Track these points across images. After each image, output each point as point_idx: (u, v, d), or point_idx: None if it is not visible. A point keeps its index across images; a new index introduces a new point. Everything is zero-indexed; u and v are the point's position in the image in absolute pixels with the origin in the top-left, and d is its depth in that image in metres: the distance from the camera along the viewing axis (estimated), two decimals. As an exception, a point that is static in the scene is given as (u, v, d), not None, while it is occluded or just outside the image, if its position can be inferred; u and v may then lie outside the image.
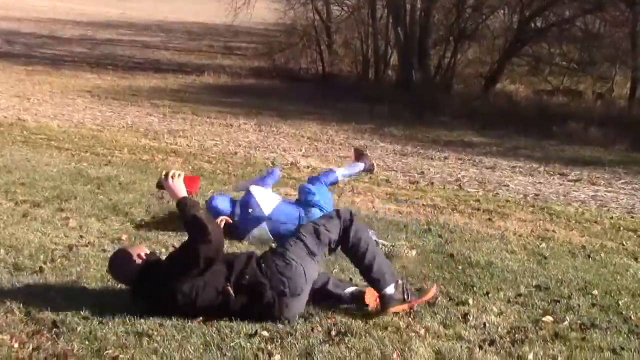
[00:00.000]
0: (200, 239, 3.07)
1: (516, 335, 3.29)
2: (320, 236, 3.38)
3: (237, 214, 4.61)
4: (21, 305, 3.32)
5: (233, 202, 4.76)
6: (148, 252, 3.37)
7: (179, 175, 3.23)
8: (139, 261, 3.27)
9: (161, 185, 3.25)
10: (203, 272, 3.13)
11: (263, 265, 3.26)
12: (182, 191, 3.19)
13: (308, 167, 7.30)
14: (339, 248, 3.52)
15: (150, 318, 3.21)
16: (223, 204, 4.69)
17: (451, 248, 4.67)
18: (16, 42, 19.54)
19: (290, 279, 3.23)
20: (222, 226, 3.63)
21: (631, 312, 3.68)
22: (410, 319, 3.41)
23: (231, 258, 3.31)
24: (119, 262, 3.32)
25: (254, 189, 4.80)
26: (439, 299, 3.71)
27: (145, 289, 3.23)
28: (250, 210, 4.60)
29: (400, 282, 3.42)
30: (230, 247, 4.35)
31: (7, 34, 20.76)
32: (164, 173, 3.25)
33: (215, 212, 4.75)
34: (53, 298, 3.43)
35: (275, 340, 3.07)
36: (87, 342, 2.99)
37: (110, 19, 28.64)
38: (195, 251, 3.08)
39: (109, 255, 4.07)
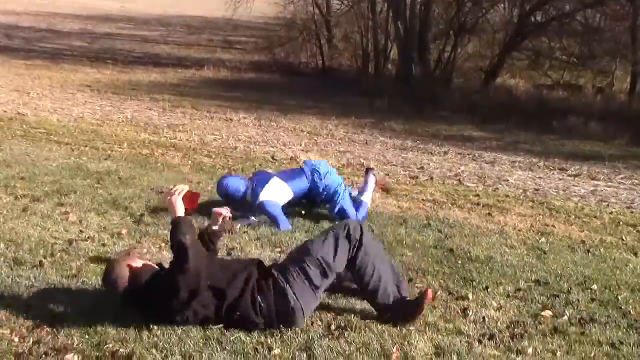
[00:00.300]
0: (178, 267, 2.97)
1: (516, 330, 3.31)
2: (327, 271, 3.21)
3: (250, 185, 4.89)
4: (21, 299, 3.33)
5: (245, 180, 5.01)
6: (140, 264, 3.24)
7: (182, 191, 3.20)
8: (126, 277, 3.15)
9: None
10: (188, 304, 3.02)
11: (259, 299, 3.10)
12: (179, 210, 3.14)
13: (308, 161, 7.29)
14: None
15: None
16: (236, 183, 4.90)
17: (451, 243, 4.67)
18: (15, 36, 19.50)
19: (286, 317, 3.12)
20: (221, 222, 3.51)
21: (630, 307, 3.69)
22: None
23: (223, 285, 3.10)
24: (109, 278, 3.23)
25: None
26: (439, 293, 3.72)
27: (137, 306, 3.17)
28: (262, 175, 5.08)
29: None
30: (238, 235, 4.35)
31: (7, 28, 20.72)
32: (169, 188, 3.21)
33: (226, 193, 4.86)
34: (53, 292, 3.44)
35: (275, 334, 3.08)
36: (87, 337, 3.00)
37: (109, 12, 28.59)
38: (175, 282, 2.97)
39: (109, 250, 4.10)
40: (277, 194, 4.86)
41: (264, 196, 4.79)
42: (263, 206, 4.77)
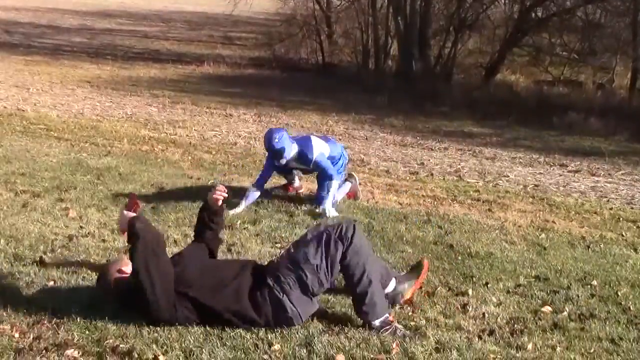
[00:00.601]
0: (131, 248, 2.99)
1: (515, 326, 3.31)
2: (323, 279, 3.14)
3: (295, 145, 5.16)
4: (21, 295, 3.34)
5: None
6: (130, 268, 3.15)
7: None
8: (113, 282, 3.17)
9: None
10: (167, 301, 3.00)
11: (254, 315, 3.08)
12: (129, 214, 3.08)
13: (308, 157, 7.29)
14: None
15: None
16: (284, 144, 5.03)
17: (451, 239, 4.68)
18: (15, 31, 19.48)
19: (285, 323, 3.10)
20: (220, 201, 3.46)
21: (630, 303, 3.69)
22: (410, 309, 3.43)
23: (206, 295, 3.06)
24: (101, 282, 3.25)
25: None
26: (439, 289, 3.72)
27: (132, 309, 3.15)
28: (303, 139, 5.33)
29: (389, 318, 3.18)
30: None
31: (6, 24, 20.70)
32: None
33: (272, 146, 4.99)
34: (53, 288, 3.44)
35: (275, 330, 3.08)
36: (87, 332, 3.00)
37: (109, 8, 28.54)
38: (134, 262, 2.98)
39: (109, 246, 4.10)
40: (321, 147, 5.22)
41: (315, 153, 5.13)
42: (319, 163, 5.14)
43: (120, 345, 2.89)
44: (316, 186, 5.31)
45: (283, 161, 5.13)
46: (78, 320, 3.08)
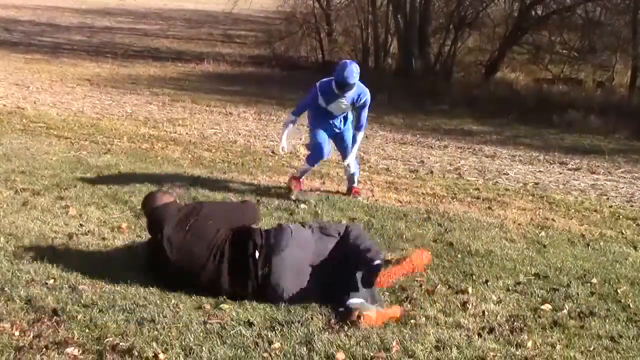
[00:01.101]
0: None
1: (515, 324, 3.31)
2: (308, 224, 3.74)
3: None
4: (21, 293, 3.34)
5: None
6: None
7: None
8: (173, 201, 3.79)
9: None
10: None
11: (260, 230, 3.64)
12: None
13: (308, 155, 7.29)
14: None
15: (151, 306, 3.23)
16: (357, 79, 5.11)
17: (451, 237, 4.68)
18: (15, 30, 19.46)
19: (279, 235, 3.51)
20: None
21: (630, 301, 3.70)
22: (410, 307, 3.43)
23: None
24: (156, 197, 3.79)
25: None
26: (439, 287, 3.72)
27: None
28: None
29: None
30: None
31: (6, 22, 20.68)
32: None
33: (344, 78, 5.03)
34: (53, 286, 3.44)
35: (275, 328, 3.09)
36: (87, 330, 3.01)
37: (108, 6, 28.51)
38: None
39: (109, 244, 4.10)
40: None
41: (367, 93, 5.23)
42: (364, 106, 5.25)
43: (120, 344, 2.90)
44: (315, 184, 5.33)
45: (345, 95, 5.12)
46: (78, 318, 3.09)
